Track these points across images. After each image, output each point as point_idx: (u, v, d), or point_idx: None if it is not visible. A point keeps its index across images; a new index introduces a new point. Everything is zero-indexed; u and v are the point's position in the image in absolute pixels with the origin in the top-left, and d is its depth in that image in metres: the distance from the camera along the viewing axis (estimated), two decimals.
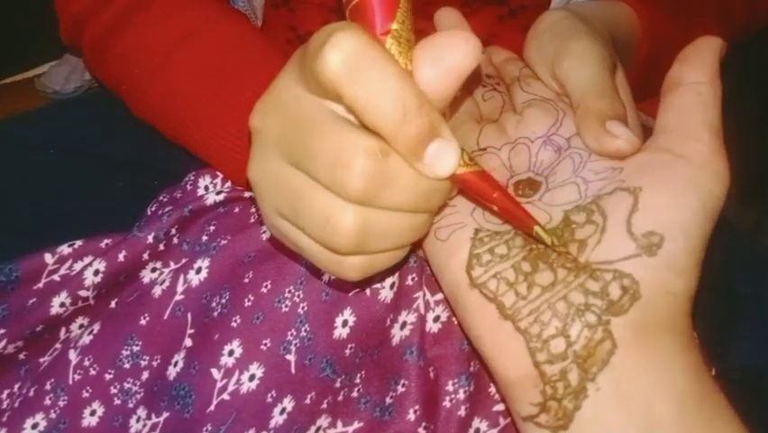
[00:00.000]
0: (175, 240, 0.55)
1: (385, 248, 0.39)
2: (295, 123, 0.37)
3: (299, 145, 0.37)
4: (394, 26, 0.36)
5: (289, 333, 0.48)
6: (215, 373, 0.49)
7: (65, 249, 0.56)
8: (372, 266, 0.40)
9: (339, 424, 0.49)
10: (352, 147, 0.35)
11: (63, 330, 0.55)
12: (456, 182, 0.39)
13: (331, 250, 0.38)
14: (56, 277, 0.55)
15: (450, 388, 0.48)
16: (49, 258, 0.55)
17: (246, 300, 0.50)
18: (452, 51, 0.35)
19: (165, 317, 0.52)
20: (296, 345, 0.48)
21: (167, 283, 0.52)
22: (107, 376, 0.52)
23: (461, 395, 0.48)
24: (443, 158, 0.36)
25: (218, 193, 0.56)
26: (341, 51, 0.33)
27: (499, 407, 0.48)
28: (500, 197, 0.39)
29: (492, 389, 0.48)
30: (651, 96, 0.61)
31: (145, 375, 0.52)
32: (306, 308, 0.48)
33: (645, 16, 0.60)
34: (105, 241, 0.56)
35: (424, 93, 0.35)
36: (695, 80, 0.40)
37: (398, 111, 0.34)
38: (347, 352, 0.48)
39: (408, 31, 0.37)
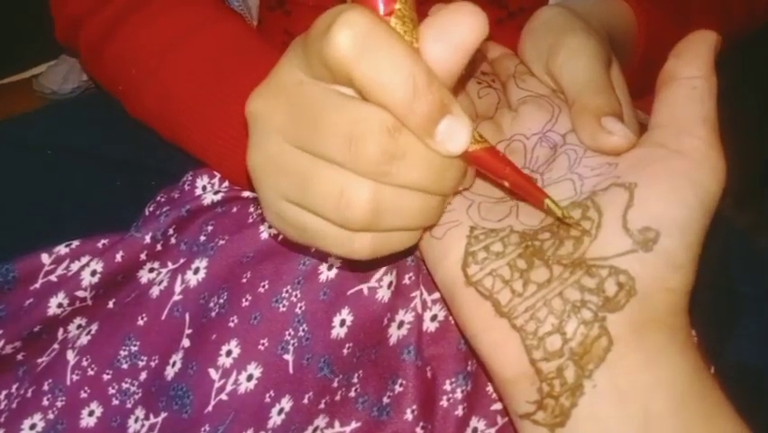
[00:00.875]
0: (173, 240, 0.55)
1: (397, 227, 0.39)
2: (301, 105, 0.37)
3: (307, 126, 0.37)
4: (397, 6, 0.36)
5: (287, 333, 0.48)
6: (213, 374, 0.49)
7: (62, 249, 0.56)
8: (383, 245, 0.40)
9: (336, 424, 0.49)
10: (366, 120, 0.35)
11: (61, 331, 0.55)
12: (467, 159, 0.39)
13: (343, 226, 0.38)
14: (53, 277, 0.55)
15: (447, 387, 0.48)
16: (45, 258, 0.55)
17: (243, 300, 0.50)
18: (459, 25, 0.36)
19: (163, 318, 0.52)
20: (293, 344, 0.48)
21: (164, 284, 0.52)
22: (105, 377, 0.52)
23: (459, 394, 0.48)
24: (455, 135, 0.36)
25: (216, 193, 0.56)
26: (350, 30, 0.33)
27: (497, 406, 0.48)
28: (511, 172, 0.39)
29: (490, 388, 0.48)
30: (647, 93, 0.61)
31: (143, 376, 0.52)
32: (303, 308, 0.48)
33: (642, 14, 0.60)
34: (102, 241, 0.56)
35: (432, 70, 0.36)
36: (690, 75, 0.40)
37: (409, 88, 0.34)
38: (345, 351, 0.48)
39: (411, 10, 0.37)
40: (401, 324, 0.49)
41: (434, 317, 0.49)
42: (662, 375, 0.34)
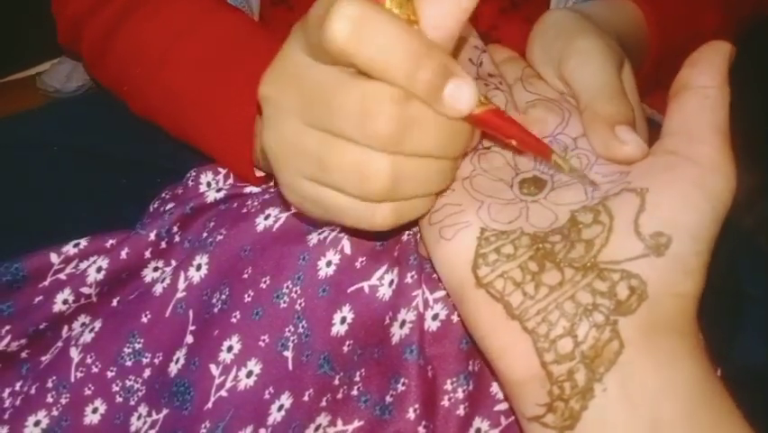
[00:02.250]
0: (177, 238, 0.55)
1: (415, 194, 0.41)
2: (310, 86, 0.38)
3: (319, 106, 0.38)
4: None
5: (287, 329, 0.48)
6: (214, 370, 0.49)
7: (70, 249, 0.56)
8: (402, 214, 0.41)
9: (339, 422, 0.49)
10: (376, 96, 0.36)
11: (65, 328, 0.55)
12: (475, 122, 0.40)
13: (364, 199, 0.39)
14: (62, 276, 0.55)
15: (448, 387, 0.48)
16: (54, 258, 0.55)
17: (246, 296, 0.50)
18: None
19: (167, 315, 0.52)
20: (293, 341, 0.48)
21: (168, 281, 0.53)
22: (109, 374, 0.52)
23: (460, 394, 0.48)
24: (461, 95, 0.37)
25: (219, 190, 0.56)
26: (345, 19, 0.35)
27: (501, 406, 0.48)
28: (518, 131, 0.40)
29: (493, 388, 0.48)
30: (656, 89, 0.61)
31: (147, 373, 0.52)
32: (303, 305, 0.48)
33: (652, 14, 0.60)
34: (111, 241, 0.56)
35: (430, 39, 0.37)
36: (703, 84, 0.40)
37: (410, 59, 0.36)
38: (345, 349, 0.48)
39: None
40: (403, 323, 0.49)
41: (435, 316, 0.49)
42: (672, 380, 0.34)
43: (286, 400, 0.48)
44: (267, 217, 0.51)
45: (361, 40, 0.35)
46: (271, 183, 0.58)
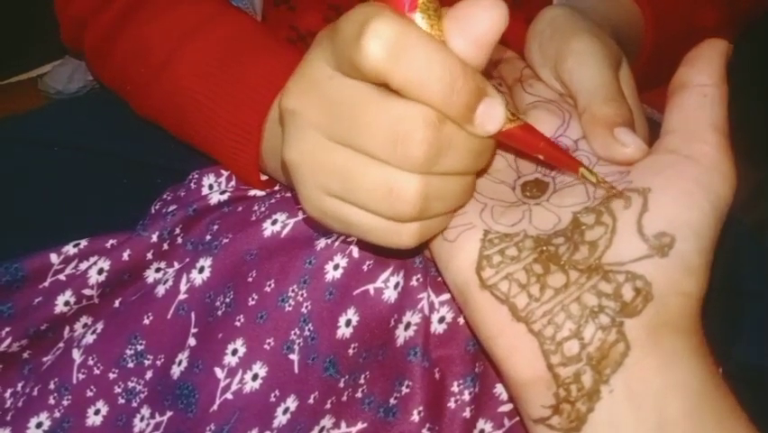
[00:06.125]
0: (179, 240, 0.55)
1: (442, 212, 0.41)
2: (335, 101, 0.38)
3: (346, 123, 0.37)
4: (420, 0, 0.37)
5: (293, 332, 0.48)
6: (219, 373, 0.49)
7: (70, 249, 0.56)
8: (427, 232, 0.41)
9: (343, 425, 0.49)
10: (410, 119, 0.36)
11: (67, 329, 0.55)
12: (504, 138, 0.40)
13: (393, 219, 0.39)
14: (62, 276, 0.55)
15: (455, 389, 0.48)
16: (54, 258, 0.55)
17: (250, 299, 0.50)
18: (480, 20, 0.36)
19: (168, 317, 0.52)
20: (299, 344, 0.48)
21: (170, 283, 0.53)
22: (111, 376, 0.52)
23: (467, 396, 0.48)
24: (492, 115, 0.37)
25: (222, 192, 0.56)
26: (381, 39, 0.34)
27: (504, 408, 0.48)
28: (546, 146, 0.40)
29: (497, 390, 0.48)
30: (656, 86, 0.61)
31: (149, 374, 0.52)
32: (309, 308, 0.48)
33: (648, 8, 0.60)
34: (111, 241, 0.56)
35: (464, 59, 0.36)
36: (701, 82, 0.40)
37: (447, 83, 0.35)
38: (350, 351, 0.48)
39: (435, 1, 0.37)
40: (408, 325, 0.49)
41: (441, 319, 0.49)
42: (677, 379, 0.35)
43: (291, 402, 0.48)
44: (274, 223, 0.51)
45: (397, 61, 0.34)
46: (276, 187, 0.58)
